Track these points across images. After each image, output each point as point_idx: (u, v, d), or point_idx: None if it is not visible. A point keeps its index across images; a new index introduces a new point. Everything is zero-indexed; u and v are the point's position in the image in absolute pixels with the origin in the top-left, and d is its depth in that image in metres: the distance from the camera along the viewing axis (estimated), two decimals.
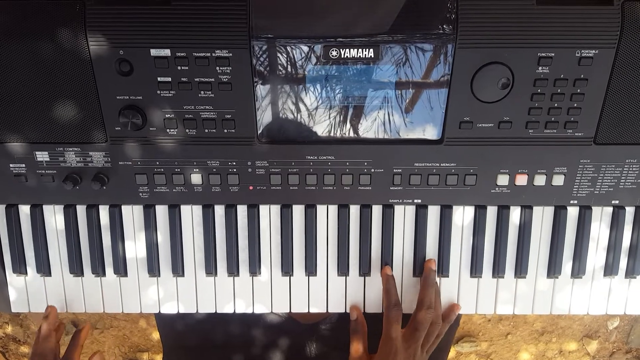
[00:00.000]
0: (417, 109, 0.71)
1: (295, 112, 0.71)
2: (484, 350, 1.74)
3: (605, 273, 0.80)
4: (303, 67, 0.68)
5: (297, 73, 0.69)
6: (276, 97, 0.70)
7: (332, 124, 0.72)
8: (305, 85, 0.69)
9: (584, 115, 0.70)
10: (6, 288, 0.82)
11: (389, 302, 0.78)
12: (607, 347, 1.76)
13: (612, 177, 0.75)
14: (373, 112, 0.71)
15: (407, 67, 0.68)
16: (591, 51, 0.66)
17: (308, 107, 0.71)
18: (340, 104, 0.71)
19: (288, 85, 0.69)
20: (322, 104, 0.70)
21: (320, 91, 0.70)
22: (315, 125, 0.72)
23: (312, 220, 0.78)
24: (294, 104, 0.71)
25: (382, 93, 0.70)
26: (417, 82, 0.69)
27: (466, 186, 0.75)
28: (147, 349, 1.72)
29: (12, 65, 0.68)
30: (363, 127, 0.72)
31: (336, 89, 0.70)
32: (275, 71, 0.68)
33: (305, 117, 0.71)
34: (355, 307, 0.81)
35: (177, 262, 0.79)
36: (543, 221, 0.78)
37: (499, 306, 0.82)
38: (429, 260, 0.79)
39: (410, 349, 0.75)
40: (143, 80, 0.69)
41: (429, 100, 0.70)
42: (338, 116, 0.72)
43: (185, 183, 0.75)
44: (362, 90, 0.70)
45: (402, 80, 0.69)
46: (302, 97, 0.70)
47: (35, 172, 0.75)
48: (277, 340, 0.92)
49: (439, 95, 0.70)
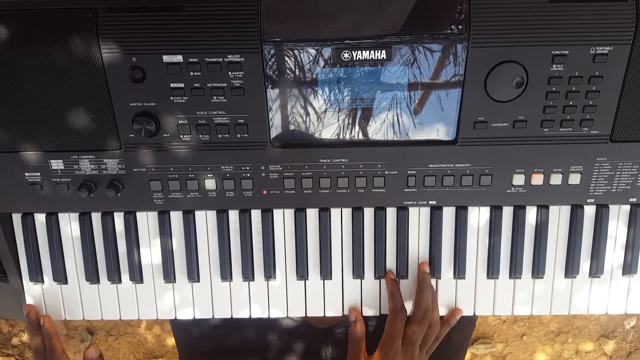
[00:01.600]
0: (429, 109, 0.70)
1: (307, 115, 0.71)
2: (500, 352, 1.73)
3: (624, 272, 0.79)
4: (315, 70, 0.68)
5: (309, 76, 0.68)
6: (288, 101, 0.70)
7: (344, 127, 0.72)
8: (317, 88, 0.69)
9: (600, 113, 0.69)
10: (23, 296, 0.82)
11: (394, 306, 0.78)
12: (624, 347, 1.74)
13: (629, 174, 0.74)
14: (387, 113, 0.71)
15: (420, 68, 0.68)
16: (606, 48, 0.66)
17: (321, 110, 0.71)
18: (353, 106, 0.70)
19: (300, 89, 0.69)
20: (334, 106, 0.70)
21: (332, 94, 0.70)
22: (328, 128, 0.72)
23: (326, 223, 0.78)
24: (307, 107, 0.70)
25: (395, 94, 0.69)
26: (430, 83, 0.69)
27: (481, 186, 0.75)
28: (161, 355, 1.73)
29: (26, 73, 0.68)
30: (378, 129, 0.72)
31: (348, 92, 0.69)
32: (287, 75, 0.68)
33: (318, 121, 0.71)
34: (354, 308, 0.81)
35: (193, 268, 0.80)
36: (560, 221, 0.78)
37: (516, 307, 0.81)
38: (422, 263, 0.79)
39: (408, 351, 0.77)
40: (156, 86, 0.69)
41: (439, 100, 0.70)
42: (351, 119, 0.71)
43: (200, 189, 0.75)
44: (374, 92, 0.69)
45: (416, 81, 0.68)
46: (315, 101, 0.70)
47: (51, 181, 0.75)
48: (293, 344, 0.92)
49: (451, 95, 0.69)
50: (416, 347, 0.77)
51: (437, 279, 0.80)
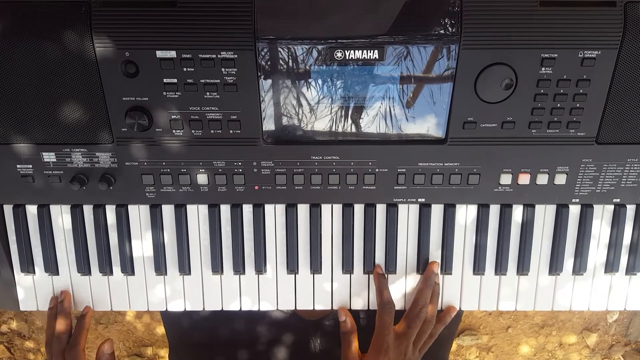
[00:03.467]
0: (420, 108, 0.71)
1: (300, 112, 0.72)
2: (485, 344, 1.76)
3: (606, 270, 0.81)
4: (308, 68, 0.68)
5: (302, 74, 0.69)
6: (281, 98, 0.71)
7: (337, 124, 0.73)
8: (310, 86, 0.70)
9: (586, 116, 0.71)
10: (14, 287, 0.83)
11: (382, 300, 0.79)
12: (606, 340, 1.77)
13: (613, 176, 0.76)
14: (378, 112, 0.72)
15: (412, 68, 0.68)
16: (594, 52, 0.67)
17: (313, 107, 0.71)
18: (345, 104, 0.71)
19: (293, 86, 0.70)
20: (327, 104, 0.71)
21: (325, 92, 0.70)
22: (321, 125, 0.73)
23: (317, 219, 0.79)
24: (299, 104, 0.71)
25: (387, 93, 0.70)
26: (421, 82, 0.69)
27: (469, 185, 0.76)
28: (151, 343, 1.74)
29: (19, 66, 0.68)
30: (370, 124, 0.73)
31: (341, 90, 0.70)
32: (280, 72, 0.69)
33: (310, 118, 0.72)
34: (343, 308, 0.82)
35: (184, 261, 0.80)
36: (545, 219, 0.79)
37: (501, 303, 0.83)
38: (433, 263, 0.80)
39: (401, 346, 0.77)
40: (149, 81, 0.69)
41: (432, 99, 0.71)
42: (343, 116, 0.72)
43: (192, 183, 0.76)
44: (366, 90, 0.70)
45: (407, 80, 0.69)
46: (307, 98, 0.71)
47: (42, 173, 0.75)
48: (282, 336, 0.93)
49: (442, 95, 0.70)
50: (410, 342, 0.77)
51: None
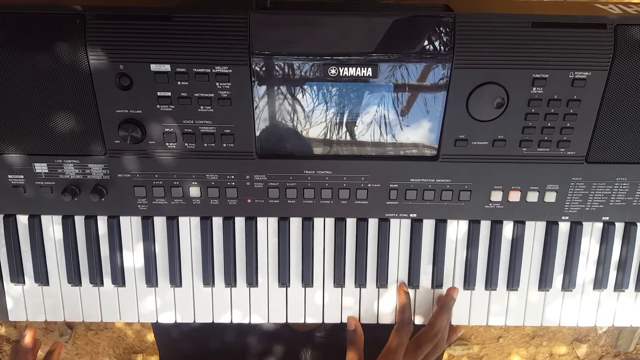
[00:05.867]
0: (414, 121, 0.72)
1: (294, 127, 0.72)
2: (476, 353, 1.77)
3: (595, 286, 0.82)
4: (302, 84, 0.69)
5: (296, 90, 0.69)
6: (275, 113, 0.71)
7: (331, 140, 0.73)
8: (303, 102, 0.70)
9: (576, 135, 0.72)
10: (3, 297, 0.82)
11: (403, 318, 0.80)
12: (596, 351, 1.79)
13: (602, 194, 0.76)
14: (371, 126, 0.72)
15: (405, 86, 0.69)
16: (584, 73, 0.68)
17: (307, 122, 0.72)
18: (339, 120, 0.72)
19: (287, 101, 0.70)
20: (320, 120, 0.71)
21: (318, 107, 0.71)
22: (314, 140, 0.73)
23: (309, 232, 0.79)
24: (293, 119, 0.71)
25: (380, 108, 0.71)
26: (414, 97, 0.70)
27: (460, 201, 0.77)
28: (141, 350, 1.73)
29: (13, 77, 0.68)
30: (362, 141, 0.73)
31: (334, 105, 0.70)
32: (274, 87, 0.69)
33: (303, 133, 0.72)
34: (353, 317, 0.82)
35: (175, 273, 0.80)
36: (535, 236, 0.80)
37: (491, 318, 0.83)
38: (452, 289, 0.81)
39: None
40: (143, 94, 0.69)
41: (426, 112, 0.71)
42: (336, 132, 0.73)
43: (184, 196, 0.76)
44: (359, 107, 0.71)
45: (400, 96, 0.70)
46: (301, 113, 0.71)
47: (34, 184, 0.75)
48: (273, 347, 0.94)
49: (435, 111, 0.71)
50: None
51: (415, 288, 0.82)
